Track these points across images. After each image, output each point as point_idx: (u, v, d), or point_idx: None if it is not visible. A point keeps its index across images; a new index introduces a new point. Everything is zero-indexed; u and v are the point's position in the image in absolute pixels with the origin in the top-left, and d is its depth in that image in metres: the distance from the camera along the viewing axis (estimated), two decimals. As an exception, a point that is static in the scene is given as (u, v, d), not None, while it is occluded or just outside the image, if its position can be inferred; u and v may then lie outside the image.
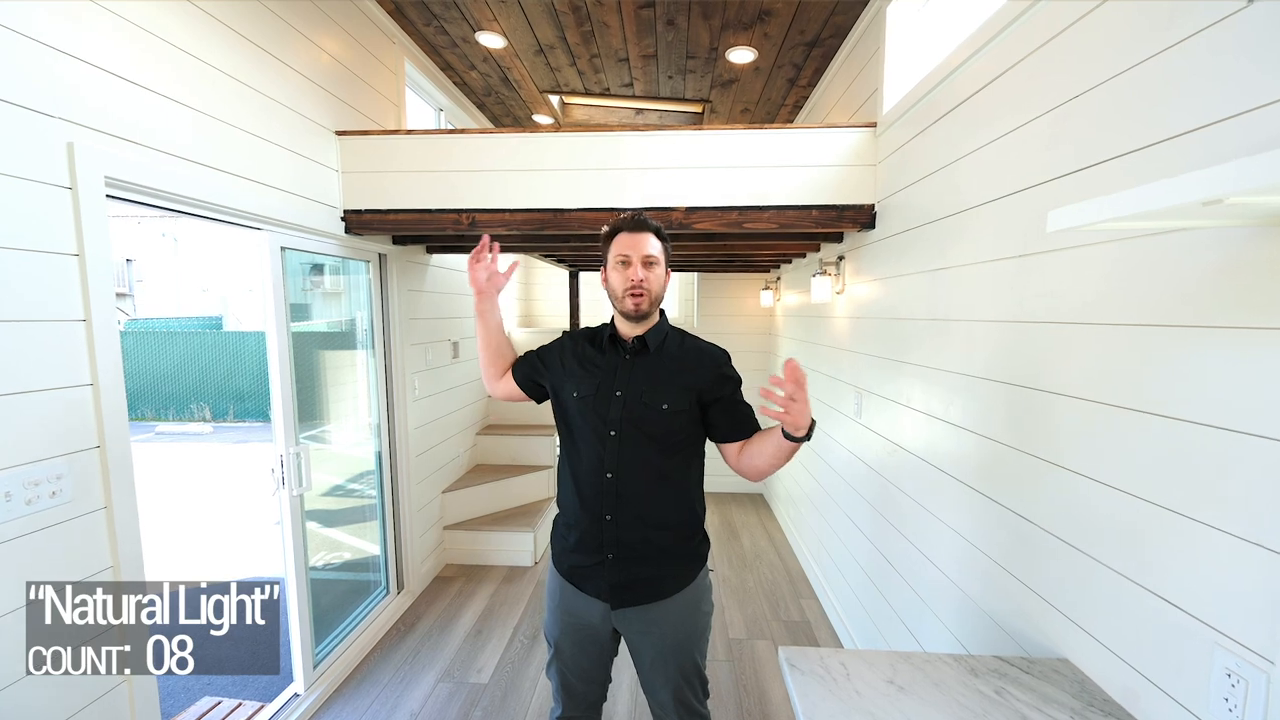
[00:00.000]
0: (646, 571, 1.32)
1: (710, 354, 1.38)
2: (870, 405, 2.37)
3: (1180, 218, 0.85)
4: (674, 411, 1.30)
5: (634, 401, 1.30)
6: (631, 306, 1.29)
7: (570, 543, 1.35)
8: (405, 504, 2.97)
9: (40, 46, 1.27)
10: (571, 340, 1.44)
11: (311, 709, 2.17)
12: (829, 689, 1.10)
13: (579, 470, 1.33)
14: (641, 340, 1.34)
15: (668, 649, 1.36)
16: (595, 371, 1.35)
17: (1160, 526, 0.97)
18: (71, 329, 1.34)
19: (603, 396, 1.31)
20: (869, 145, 2.29)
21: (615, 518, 1.30)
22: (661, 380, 1.32)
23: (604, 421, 1.30)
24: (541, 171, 2.37)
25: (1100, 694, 1.08)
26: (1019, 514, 1.36)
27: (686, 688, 1.39)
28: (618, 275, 1.30)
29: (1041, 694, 1.08)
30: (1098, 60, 1.13)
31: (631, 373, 1.33)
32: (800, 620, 2.84)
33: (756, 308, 4.76)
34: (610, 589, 1.32)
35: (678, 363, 1.35)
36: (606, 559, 1.31)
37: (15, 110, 1.22)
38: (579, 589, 1.36)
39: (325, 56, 2.31)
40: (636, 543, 1.31)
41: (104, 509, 1.41)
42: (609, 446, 1.29)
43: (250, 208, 1.89)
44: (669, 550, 1.34)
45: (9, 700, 1.20)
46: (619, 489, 1.29)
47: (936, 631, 1.76)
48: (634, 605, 1.33)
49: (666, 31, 2.76)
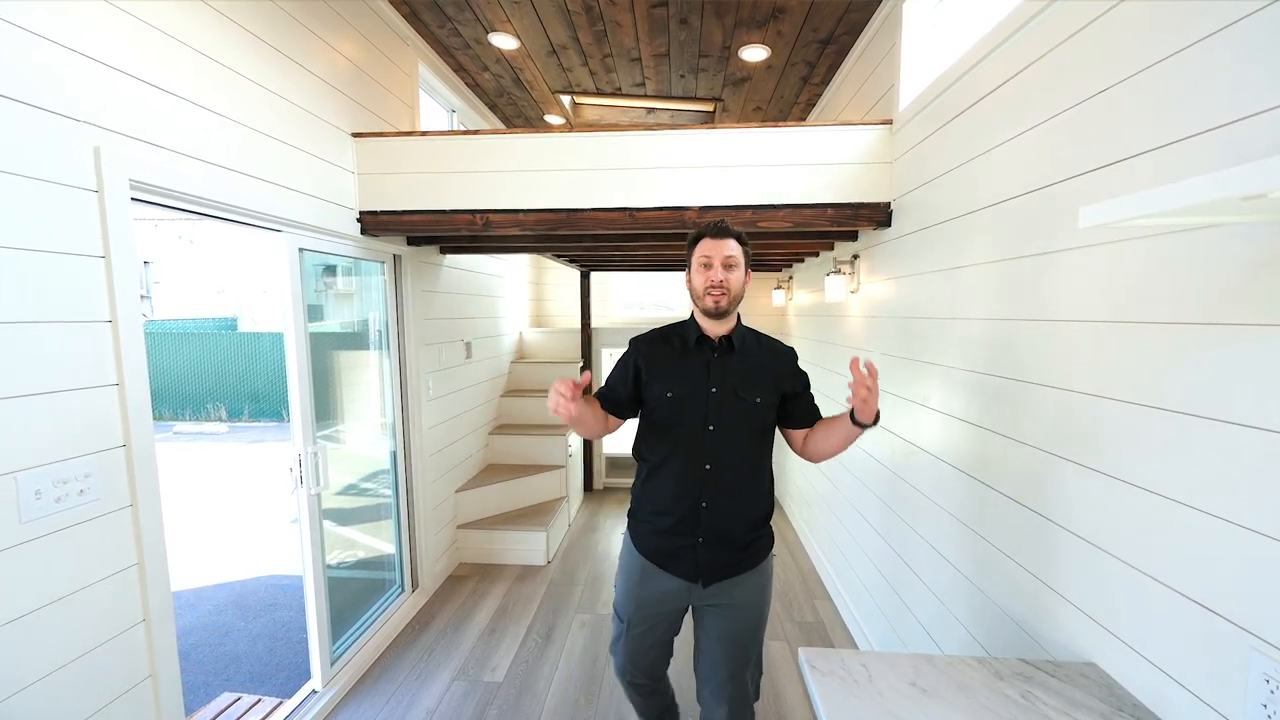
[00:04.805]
0: (731, 553, 1.45)
1: (785, 352, 1.54)
2: (886, 405, 2.34)
3: (1215, 213, 0.83)
4: (766, 405, 1.44)
5: (729, 397, 1.42)
6: (711, 304, 1.40)
7: (661, 527, 1.46)
8: (420, 503, 2.99)
9: (66, 51, 1.29)
10: (647, 344, 1.52)
11: (329, 706, 2.19)
12: (850, 691, 1.09)
13: (675, 462, 1.44)
14: (728, 340, 1.46)
15: (738, 623, 1.47)
16: (686, 370, 1.45)
17: (1194, 529, 0.95)
18: (98, 330, 1.36)
19: (699, 393, 1.43)
20: (884, 143, 2.27)
21: (710, 505, 1.42)
22: (751, 376, 1.45)
23: (702, 416, 1.42)
24: (555, 172, 2.37)
25: (1129, 698, 1.06)
26: (1043, 515, 1.34)
27: (747, 669, 1.50)
28: (700, 276, 1.41)
29: (1069, 698, 1.07)
30: (1123, 55, 1.11)
31: (724, 370, 1.44)
32: (814, 621, 2.83)
33: (769, 307, 4.75)
34: (698, 569, 1.44)
35: (761, 359, 1.49)
36: (698, 542, 1.43)
37: (43, 115, 1.25)
38: (663, 569, 1.47)
39: (341, 59, 2.33)
40: (726, 527, 1.43)
41: (130, 506, 1.43)
42: (707, 439, 1.41)
43: (270, 210, 1.91)
44: (752, 533, 1.46)
45: (42, 694, 1.23)
46: (717, 478, 1.42)
47: (955, 633, 1.74)
48: (718, 581, 1.45)
49: (679, 30, 2.76)
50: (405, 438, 2.92)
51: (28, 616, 1.21)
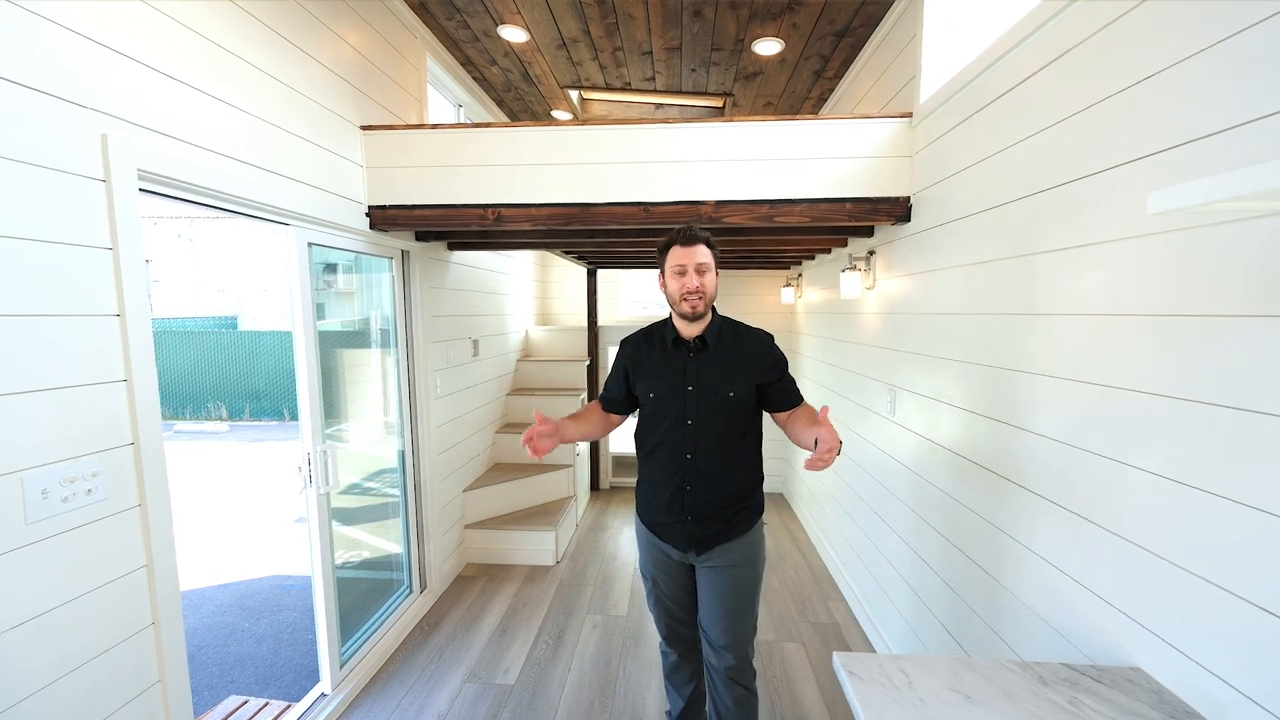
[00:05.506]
0: (717, 526, 1.59)
1: (760, 340, 1.62)
2: (905, 403, 2.31)
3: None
4: (739, 397, 1.55)
5: (705, 393, 1.55)
6: (689, 309, 1.51)
7: (656, 504, 1.63)
8: (428, 502, 2.95)
9: (73, 35, 1.25)
10: (633, 346, 1.68)
11: (339, 709, 2.14)
12: (892, 698, 1.05)
13: (661, 453, 1.59)
14: (702, 339, 1.57)
15: (734, 580, 1.60)
16: (666, 371, 1.59)
17: (1253, 529, 0.91)
18: (105, 324, 1.32)
19: (677, 392, 1.56)
20: (904, 136, 2.23)
21: (694, 489, 1.57)
22: (726, 372, 1.56)
23: (682, 412, 1.55)
24: (568, 165, 2.33)
25: (1181, 705, 1.02)
26: (1079, 514, 1.30)
27: (743, 618, 1.62)
28: (675, 283, 1.51)
29: (1118, 704, 1.03)
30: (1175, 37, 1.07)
31: (699, 368, 1.56)
32: (829, 622, 2.79)
33: (777, 305, 4.70)
34: (690, 541, 1.60)
35: (735, 354, 1.58)
36: (686, 519, 1.59)
37: (49, 100, 1.20)
38: (660, 539, 1.65)
39: (350, 51, 2.29)
40: (710, 506, 1.57)
41: (138, 506, 1.39)
42: (687, 432, 1.55)
43: (278, 202, 1.87)
44: (735, 506, 1.59)
45: (49, 700, 1.18)
46: (697, 466, 1.56)
47: (982, 636, 1.70)
48: (709, 550, 1.60)
49: (693, 23, 2.71)
50: (414, 436, 2.88)
51: (35, 620, 1.16)
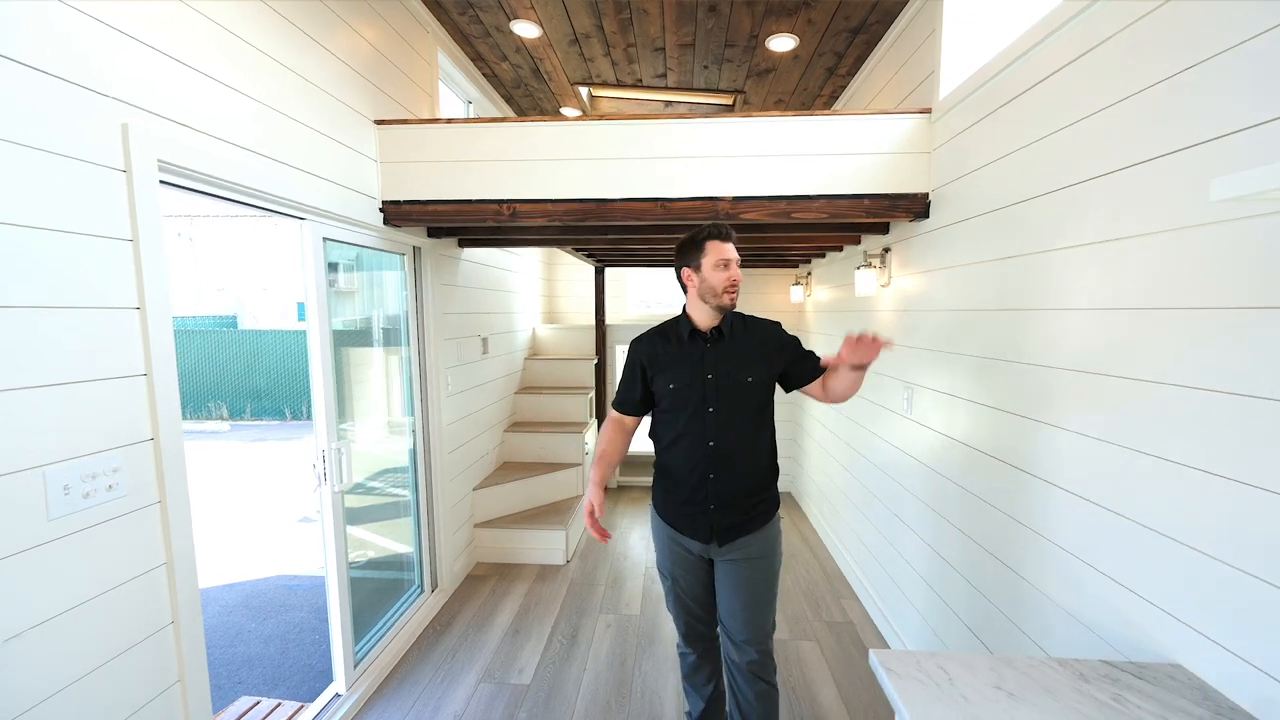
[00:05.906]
0: (738, 516, 1.61)
1: (770, 329, 1.69)
2: (923, 400, 2.29)
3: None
4: (759, 383, 1.61)
5: (725, 381, 1.59)
6: (729, 301, 1.57)
7: (679, 498, 1.65)
8: (439, 501, 2.93)
9: (94, 22, 1.23)
10: (647, 344, 1.70)
11: (354, 709, 2.12)
12: (934, 695, 1.03)
13: (685, 441, 1.62)
14: (718, 330, 1.63)
15: (754, 571, 1.62)
16: (684, 362, 1.63)
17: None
18: (126, 316, 1.30)
19: (696, 381, 1.60)
20: (923, 132, 2.22)
21: (717, 476, 1.59)
22: (743, 360, 1.61)
23: (702, 401, 1.59)
24: (584, 161, 2.31)
25: (1227, 702, 1.01)
26: (1112, 510, 1.28)
27: (764, 611, 1.64)
28: (719, 275, 1.56)
29: (1162, 701, 1.01)
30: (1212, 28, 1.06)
31: (717, 357, 1.61)
32: (843, 621, 2.77)
33: (786, 303, 4.69)
34: (712, 531, 1.62)
35: (750, 342, 1.64)
36: (709, 509, 1.60)
37: (71, 88, 1.18)
38: (681, 532, 1.66)
39: (364, 44, 2.27)
40: (733, 494, 1.60)
41: (158, 503, 1.37)
42: (708, 420, 1.59)
43: (295, 196, 1.85)
44: (755, 496, 1.62)
45: (71, 699, 1.16)
46: (720, 453, 1.59)
47: (1007, 633, 1.68)
48: (730, 541, 1.62)
49: (707, 18, 2.70)
50: (425, 434, 2.85)
51: (56, 619, 1.14)
